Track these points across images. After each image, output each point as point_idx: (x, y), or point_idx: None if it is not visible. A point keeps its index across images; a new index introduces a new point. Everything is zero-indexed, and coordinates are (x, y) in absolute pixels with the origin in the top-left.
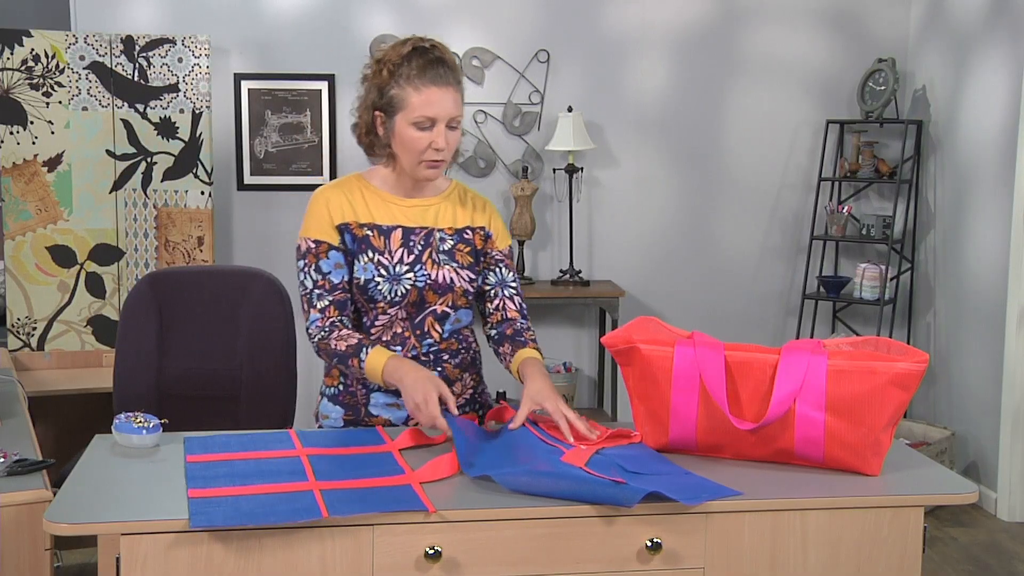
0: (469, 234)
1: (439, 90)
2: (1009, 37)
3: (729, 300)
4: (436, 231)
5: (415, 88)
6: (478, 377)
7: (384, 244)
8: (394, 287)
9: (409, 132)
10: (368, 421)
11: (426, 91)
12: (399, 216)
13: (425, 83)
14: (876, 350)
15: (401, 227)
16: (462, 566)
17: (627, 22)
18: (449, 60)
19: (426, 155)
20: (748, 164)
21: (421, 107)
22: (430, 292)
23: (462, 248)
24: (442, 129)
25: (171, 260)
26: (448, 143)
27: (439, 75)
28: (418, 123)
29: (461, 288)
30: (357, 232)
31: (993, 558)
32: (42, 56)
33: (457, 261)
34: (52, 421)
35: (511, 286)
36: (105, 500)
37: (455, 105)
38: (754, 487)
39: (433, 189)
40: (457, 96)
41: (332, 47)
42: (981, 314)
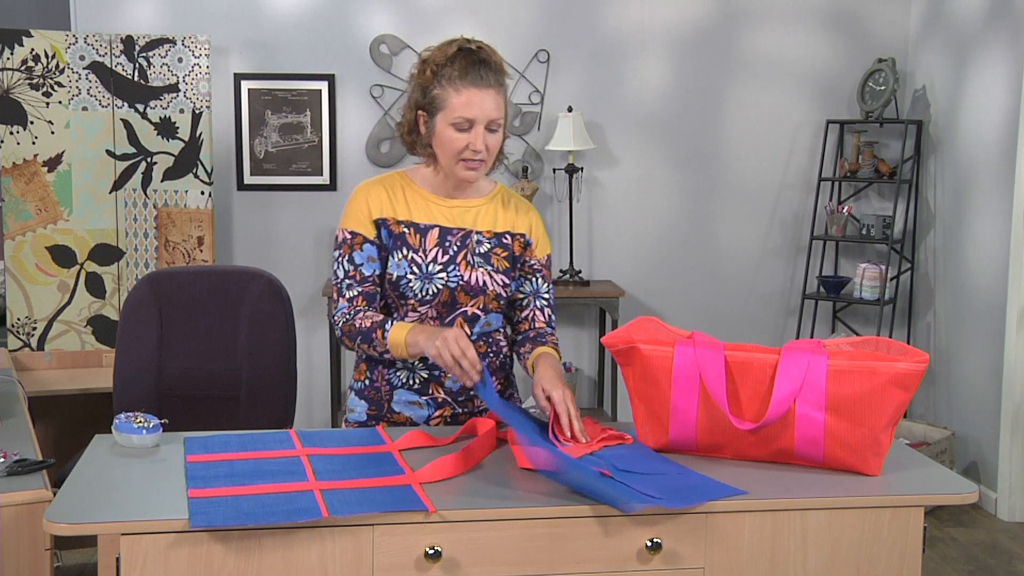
0: (508, 239)
1: (479, 92)
2: (1009, 37)
3: (729, 300)
4: (474, 233)
5: (455, 89)
6: (506, 381)
7: (420, 242)
8: (425, 285)
9: (448, 132)
10: (390, 418)
11: (466, 92)
12: (438, 216)
13: (465, 84)
14: (876, 350)
15: (439, 227)
16: (462, 566)
17: (627, 22)
18: (494, 62)
19: (464, 156)
20: (748, 164)
21: (460, 108)
22: (461, 293)
23: (499, 252)
24: (480, 131)
25: (171, 260)
26: (488, 145)
27: (480, 76)
28: (457, 124)
29: (494, 292)
30: (394, 228)
31: (993, 558)
32: (42, 56)
33: (492, 264)
34: (52, 421)
35: (544, 297)
36: (105, 500)
37: (495, 108)
38: (754, 487)
39: (475, 191)
40: (498, 99)
41: (332, 47)
42: (981, 314)
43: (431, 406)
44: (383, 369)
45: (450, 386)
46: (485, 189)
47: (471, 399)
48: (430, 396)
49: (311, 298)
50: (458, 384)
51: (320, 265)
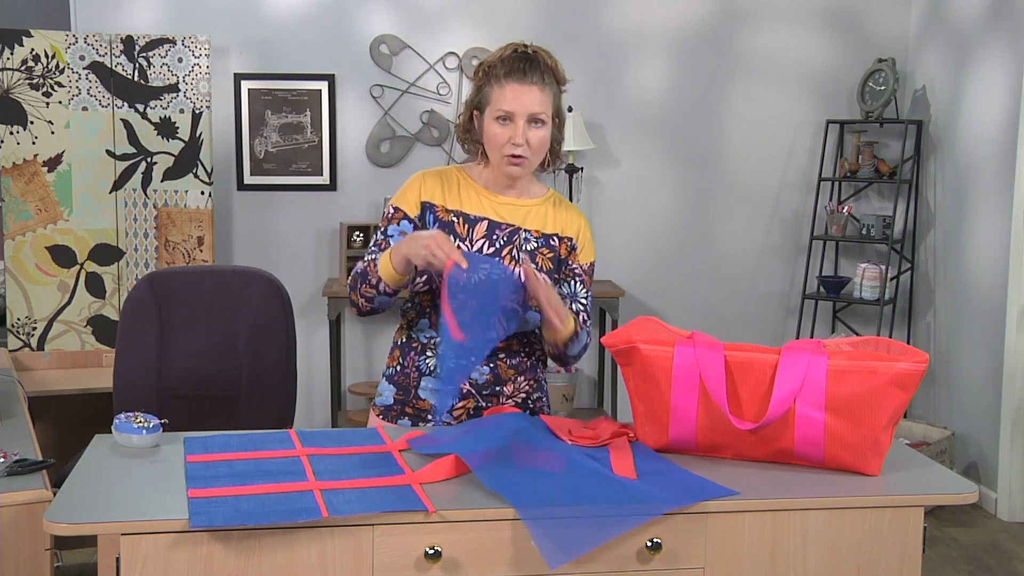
0: (555, 241)
1: (520, 86)
2: (1009, 37)
3: (729, 300)
4: (523, 231)
5: (499, 84)
6: (535, 384)
7: (467, 232)
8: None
9: (492, 127)
10: (416, 403)
11: (508, 87)
12: (488, 210)
13: (509, 80)
14: (876, 350)
15: (488, 220)
16: (462, 566)
17: (627, 22)
18: (543, 62)
19: (505, 150)
20: (748, 164)
21: (501, 101)
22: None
23: (545, 252)
24: (521, 125)
25: (171, 260)
26: (529, 140)
27: (524, 73)
28: (499, 117)
29: None
30: (443, 216)
31: (993, 558)
32: (42, 56)
33: (537, 263)
34: (52, 421)
35: (580, 301)
36: (105, 500)
37: (536, 102)
38: (754, 487)
39: (527, 192)
40: (543, 96)
41: (332, 47)
42: (981, 314)
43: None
44: (414, 356)
45: (476, 378)
46: (538, 192)
47: (496, 394)
48: None
49: (311, 298)
50: (484, 377)
51: (320, 265)
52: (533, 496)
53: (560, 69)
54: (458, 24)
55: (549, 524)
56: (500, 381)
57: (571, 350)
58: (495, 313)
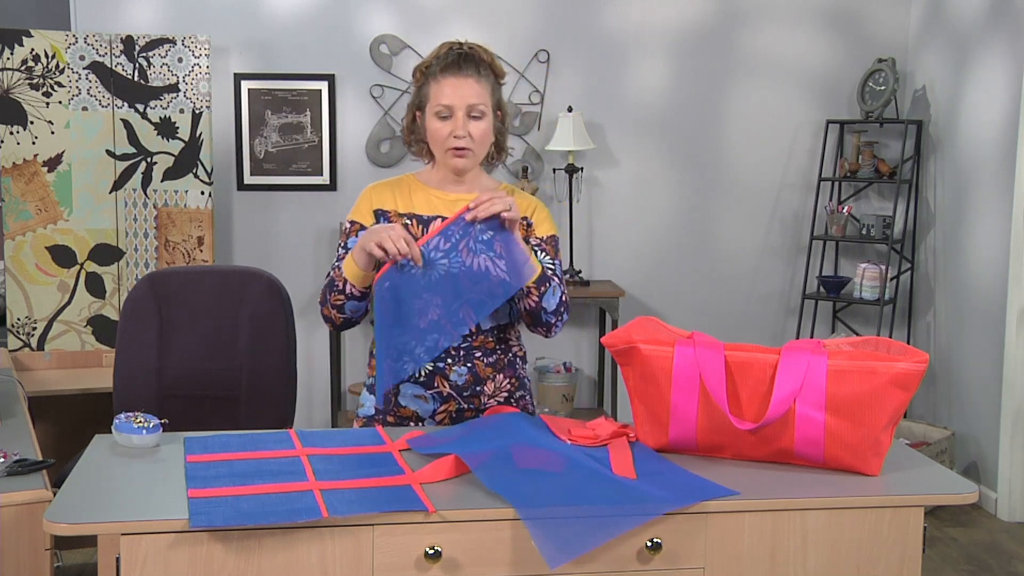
0: None
1: (456, 79)
2: (1009, 37)
3: (729, 300)
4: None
5: (436, 81)
6: (517, 382)
7: (422, 232)
8: (428, 272)
9: (433, 123)
10: (397, 411)
11: (444, 81)
12: (441, 208)
13: (445, 75)
14: (876, 350)
15: (441, 217)
16: (462, 566)
17: (627, 22)
18: (478, 56)
19: (448, 143)
20: (748, 164)
21: (438, 96)
22: (464, 279)
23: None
24: (461, 117)
25: (171, 260)
26: (471, 132)
27: (459, 67)
28: (439, 113)
29: (497, 278)
30: (395, 221)
31: (993, 558)
32: (42, 56)
33: (495, 251)
34: (52, 421)
35: (548, 267)
36: (105, 500)
37: (474, 94)
38: (754, 487)
39: (479, 187)
40: (479, 87)
41: (332, 47)
42: (981, 314)
43: (436, 400)
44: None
45: (455, 380)
46: (488, 186)
47: (476, 395)
48: (435, 390)
49: (311, 298)
50: (463, 378)
51: (320, 265)
52: (533, 496)
53: (497, 63)
54: (458, 24)
55: (549, 524)
56: (479, 381)
57: (547, 301)
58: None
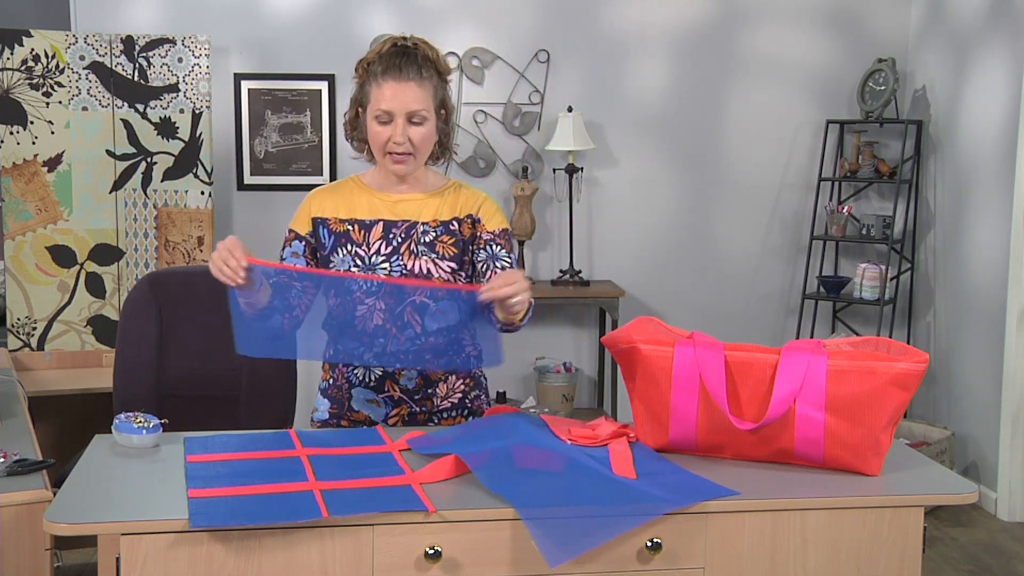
0: (455, 225)
1: (396, 84)
2: (1009, 37)
3: (729, 300)
4: (419, 224)
5: (377, 83)
6: (472, 382)
7: (364, 237)
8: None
9: (373, 126)
10: (350, 416)
11: (385, 85)
12: (383, 211)
13: (386, 78)
14: (876, 350)
15: (383, 220)
16: (462, 566)
17: (627, 22)
18: (422, 56)
19: (388, 148)
20: (748, 164)
21: (379, 100)
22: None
23: (446, 240)
24: (400, 123)
25: (171, 260)
26: (412, 138)
27: (400, 69)
28: (378, 117)
29: (440, 279)
30: (336, 227)
31: (993, 558)
32: (42, 56)
33: (437, 252)
34: (52, 421)
35: (505, 260)
36: (105, 500)
37: (414, 100)
38: (754, 487)
39: (421, 186)
40: (421, 91)
41: (332, 47)
42: (981, 314)
43: (388, 404)
44: (343, 368)
45: (405, 384)
46: (434, 184)
47: (428, 397)
48: (386, 394)
49: None
50: (413, 382)
51: None
52: (533, 496)
53: (442, 61)
54: (458, 24)
55: (549, 524)
56: (430, 383)
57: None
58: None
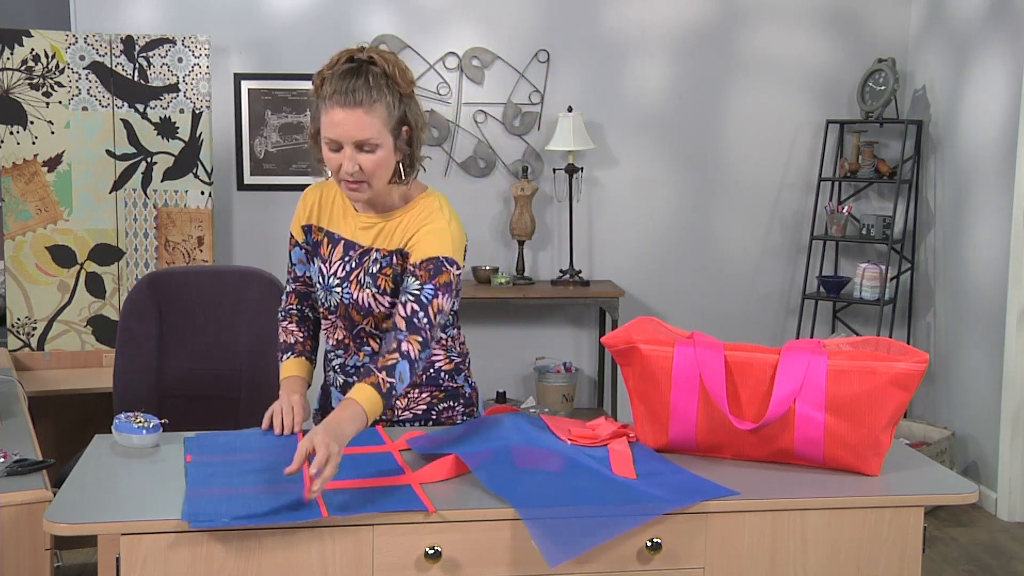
0: (397, 258)
1: (343, 111)
2: (1009, 37)
3: (729, 300)
4: (373, 251)
5: (326, 108)
6: (442, 394)
7: (328, 253)
8: (328, 296)
9: (325, 151)
10: None
11: (332, 112)
12: (350, 229)
13: (333, 104)
14: (876, 350)
15: (344, 240)
16: (462, 566)
17: (627, 22)
18: (374, 75)
19: (340, 175)
20: (748, 164)
21: (327, 128)
22: (354, 311)
23: (387, 272)
24: (349, 152)
25: (171, 260)
26: (363, 166)
27: (348, 94)
28: (328, 144)
29: (381, 313)
30: (316, 236)
31: (993, 558)
32: (42, 56)
33: (378, 286)
34: (52, 421)
35: (410, 292)
36: (105, 500)
37: (362, 127)
38: (754, 487)
39: (387, 206)
40: (369, 118)
41: (332, 47)
42: (981, 314)
43: None
44: (327, 371)
45: None
46: (394, 204)
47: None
48: None
49: None
50: None
51: None
52: (533, 496)
53: (401, 76)
54: (458, 24)
55: (549, 524)
56: None
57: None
58: None
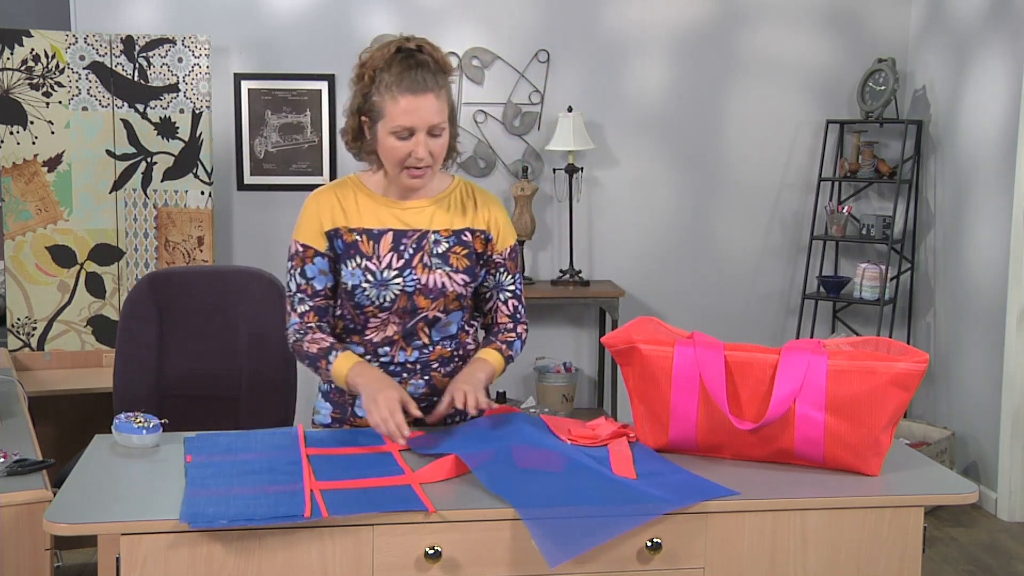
0: (468, 236)
1: (416, 98)
2: (1009, 37)
3: (729, 300)
4: (431, 233)
5: (392, 97)
6: None
7: (373, 249)
8: (381, 292)
9: (389, 141)
10: (353, 421)
11: (403, 100)
12: (391, 220)
13: (402, 91)
14: (876, 350)
15: (392, 231)
16: (462, 566)
17: (627, 22)
18: (435, 62)
19: (407, 164)
20: (748, 164)
21: (398, 117)
22: (420, 297)
23: (459, 251)
24: (422, 138)
25: (171, 260)
26: (432, 151)
27: (417, 82)
28: (396, 132)
29: (454, 292)
30: (347, 237)
31: (993, 558)
32: (42, 56)
33: (451, 265)
34: (52, 421)
35: (507, 290)
36: (105, 500)
37: (435, 112)
38: (754, 487)
39: (430, 191)
40: (439, 103)
41: (332, 47)
42: (981, 314)
43: None
44: None
45: (412, 391)
46: (440, 187)
47: (434, 404)
48: None
49: None
50: (420, 390)
51: None
52: (533, 496)
53: (445, 59)
54: (458, 24)
55: (549, 524)
56: (436, 392)
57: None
58: None
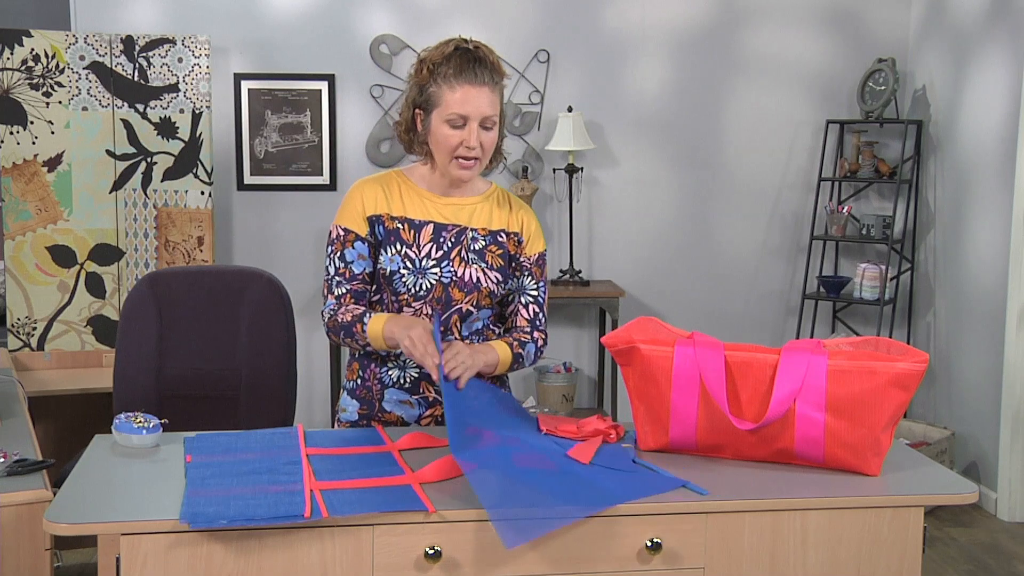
0: (503, 237)
1: (473, 88)
2: (1009, 37)
3: (729, 300)
4: (469, 230)
5: (450, 86)
6: (497, 380)
7: (414, 238)
8: (419, 280)
9: (443, 129)
10: (382, 417)
11: (460, 89)
12: (433, 212)
13: (460, 81)
14: (876, 350)
15: (433, 223)
16: (462, 566)
17: (627, 22)
18: (490, 61)
19: (458, 152)
20: (748, 164)
21: (454, 104)
22: (455, 289)
23: (494, 250)
24: (474, 128)
25: (171, 260)
26: (482, 143)
27: (475, 74)
28: (451, 120)
29: (487, 289)
30: (388, 224)
31: (993, 558)
32: (42, 56)
33: (487, 262)
34: (52, 421)
35: (530, 294)
36: (105, 500)
37: (489, 105)
38: (754, 487)
39: (471, 190)
40: (493, 96)
41: (332, 47)
42: (981, 314)
43: (422, 405)
44: (375, 368)
45: None
46: (481, 188)
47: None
48: (421, 395)
49: (311, 298)
50: None
51: (320, 265)
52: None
53: (500, 63)
54: (458, 24)
55: (507, 512)
56: None
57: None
58: None
